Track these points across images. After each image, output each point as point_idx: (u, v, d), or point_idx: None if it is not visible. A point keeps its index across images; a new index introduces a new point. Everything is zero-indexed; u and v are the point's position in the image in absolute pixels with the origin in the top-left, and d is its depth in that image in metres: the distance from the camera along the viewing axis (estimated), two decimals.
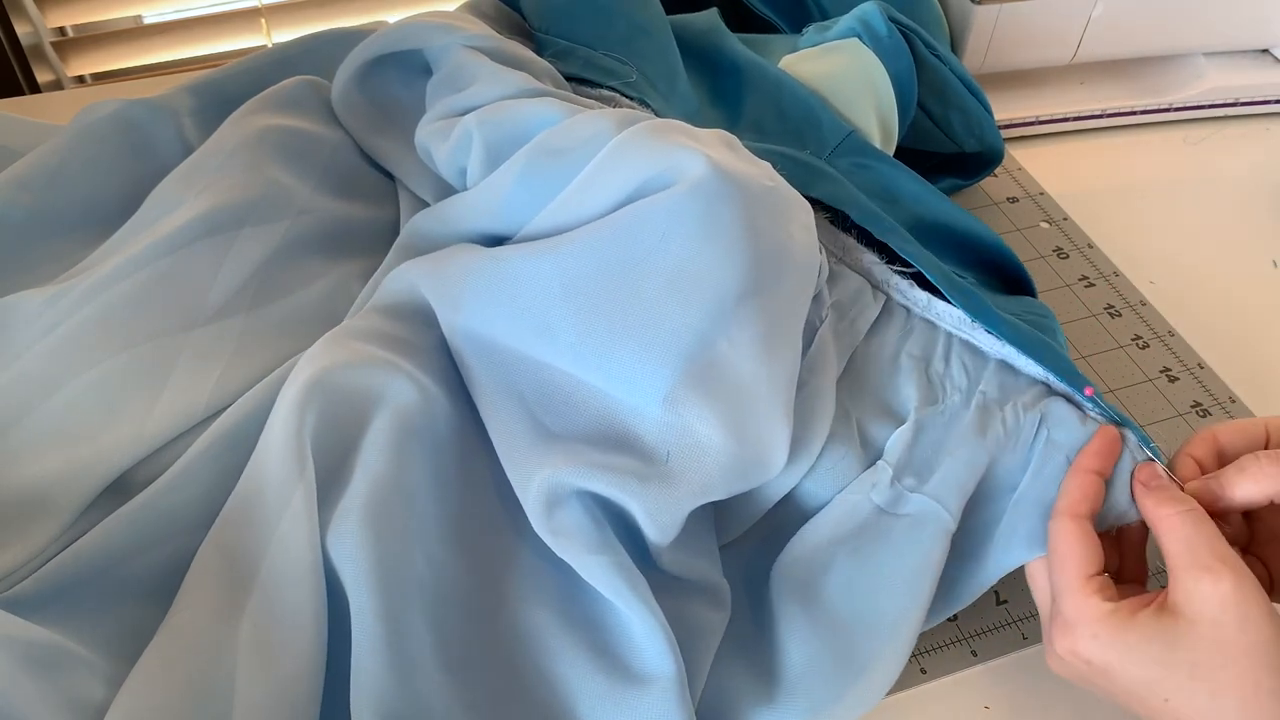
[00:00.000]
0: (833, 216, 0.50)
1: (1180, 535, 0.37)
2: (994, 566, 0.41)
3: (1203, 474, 0.41)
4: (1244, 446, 0.41)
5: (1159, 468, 0.41)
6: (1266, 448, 0.41)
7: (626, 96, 0.53)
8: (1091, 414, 0.43)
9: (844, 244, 0.50)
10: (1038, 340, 0.46)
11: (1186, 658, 0.35)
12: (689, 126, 0.45)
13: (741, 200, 0.41)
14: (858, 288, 0.48)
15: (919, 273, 0.48)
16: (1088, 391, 0.43)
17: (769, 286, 0.41)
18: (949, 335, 0.47)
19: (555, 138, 0.45)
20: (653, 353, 0.39)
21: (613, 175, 0.42)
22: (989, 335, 0.46)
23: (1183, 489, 0.40)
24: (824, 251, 0.47)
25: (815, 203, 0.46)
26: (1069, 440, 0.43)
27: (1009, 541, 0.41)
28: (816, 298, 0.46)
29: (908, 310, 0.48)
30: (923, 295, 0.48)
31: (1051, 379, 0.45)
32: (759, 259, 0.41)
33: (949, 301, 0.47)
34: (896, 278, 0.49)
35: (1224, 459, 0.41)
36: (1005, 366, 0.46)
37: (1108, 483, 0.41)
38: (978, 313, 0.46)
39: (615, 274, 0.40)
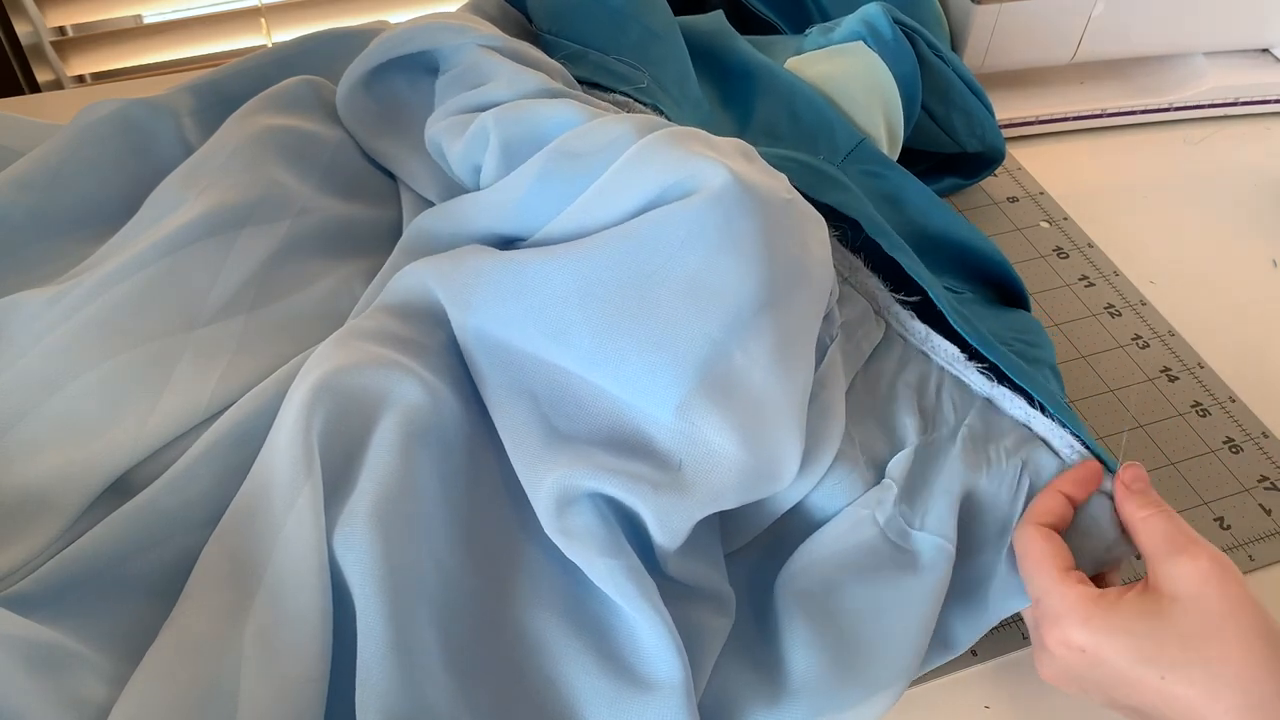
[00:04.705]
0: (842, 234, 0.50)
1: (1158, 529, 0.39)
2: (994, 612, 0.42)
3: None
4: None
5: (1143, 471, 0.42)
6: None
7: (639, 102, 0.53)
8: (1069, 461, 0.45)
9: (852, 264, 0.50)
10: (1034, 379, 0.46)
11: (1176, 631, 0.36)
12: (708, 135, 0.45)
13: (761, 212, 0.41)
14: (863, 310, 0.49)
15: (918, 304, 0.49)
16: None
17: (785, 299, 0.41)
18: (941, 370, 0.48)
19: (575, 141, 0.45)
20: (668, 361, 0.39)
21: (632, 182, 0.42)
22: (979, 375, 0.47)
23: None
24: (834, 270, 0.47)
25: (826, 215, 0.46)
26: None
27: (1009, 588, 0.42)
28: (828, 316, 0.46)
29: (904, 340, 0.49)
30: (921, 328, 0.49)
31: (1033, 423, 0.46)
32: (776, 271, 0.41)
33: (946, 335, 0.48)
34: (897, 306, 0.49)
35: None
36: (991, 406, 0.47)
37: (1090, 517, 0.43)
38: (981, 343, 0.47)
39: (632, 281, 0.40)
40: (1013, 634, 0.44)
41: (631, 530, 0.40)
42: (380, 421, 0.39)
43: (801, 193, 0.46)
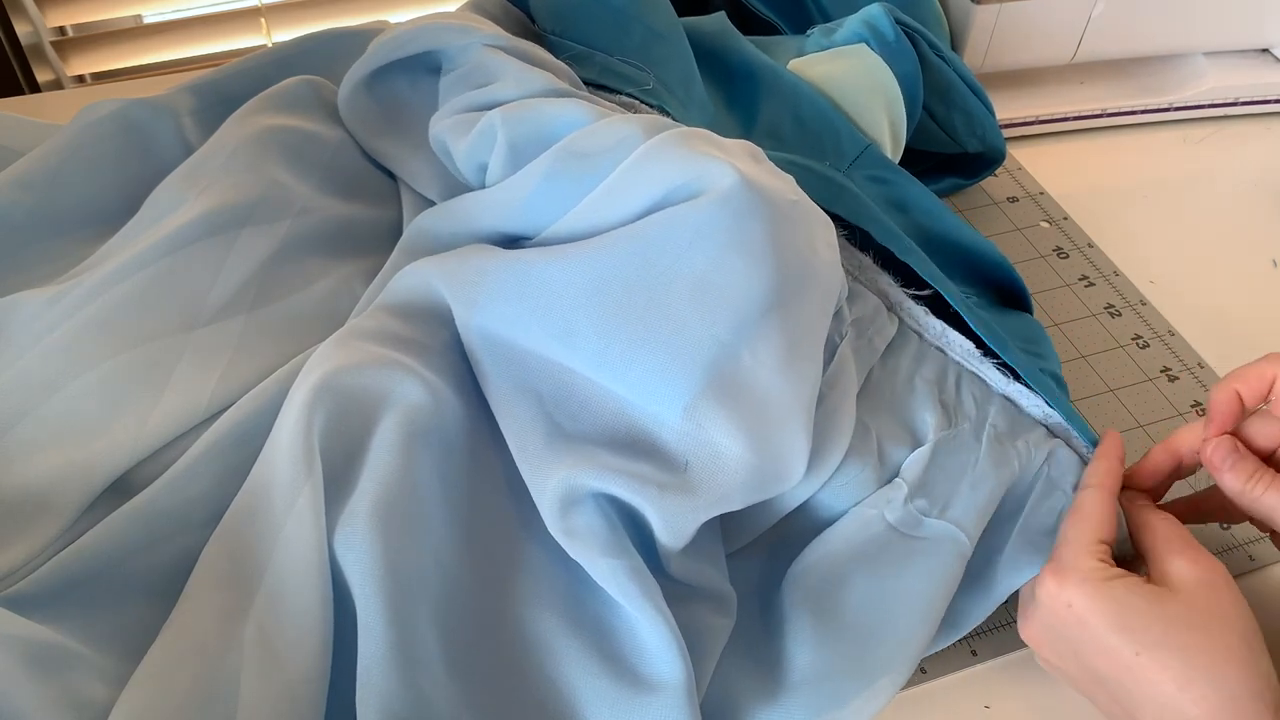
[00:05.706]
0: (850, 233, 0.50)
1: (1161, 530, 0.40)
2: (1001, 589, 0.43)
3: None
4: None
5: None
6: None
7: (645, 103, 0.53)
8: (1088, 458, 0.46)
9: (860, 263, 0.50)
10: (1048, 385, 0.47)
11: (1162, 615, 0.37)
12: (715, 136, 0.45)
13: (769, 214, 0.41)
14: (875, 307, 0.49)
15: (931, 298, 0.49)
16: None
17: (792, 300, 0.41)
18: (958, 365, 0.48)
19: (583, 141, 0.45)
20: (675, 362, 0.39)
21: (640, 182, 0.42)
22: (996, 371, 0.47)
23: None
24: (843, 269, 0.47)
25: (834, 218, 0.46)
26: (1066, 480, 0.45)
27: (1015, 564, 0.42)
28: (837, 314, 0.46)
29: (919, 335, 0.49)
30: (936, 323, 0.49)
31: (1052, 421, 0.47)
32: (784, 272, 0.41)
33: (960, 332, 0.48)
34: (910, 302, 0.49)
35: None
36: (1009, 403, 0.47)
37: None
38: (997, 346, 0.47)
39: (640, 281, 0.40)
40: (1013, 634, 0.44)
41: (633, 529, 0.40)
42: (381, 421, 0.39)
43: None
